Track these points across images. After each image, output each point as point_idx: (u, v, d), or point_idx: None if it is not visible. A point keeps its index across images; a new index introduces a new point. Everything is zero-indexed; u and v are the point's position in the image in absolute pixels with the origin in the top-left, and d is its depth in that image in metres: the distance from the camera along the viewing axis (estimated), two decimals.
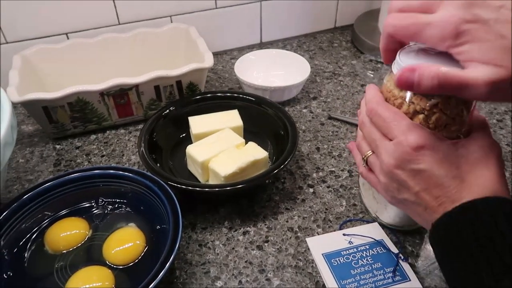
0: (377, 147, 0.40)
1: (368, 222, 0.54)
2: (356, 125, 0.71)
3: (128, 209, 0.54)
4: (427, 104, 0.38)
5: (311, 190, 0.60)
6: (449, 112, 0.38)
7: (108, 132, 0.71)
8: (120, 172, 0.53)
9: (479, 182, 0.36)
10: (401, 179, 0.38)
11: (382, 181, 0.41)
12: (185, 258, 0.51)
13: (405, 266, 0.48)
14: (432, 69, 0.34)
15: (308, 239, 0.52)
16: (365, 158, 0.43)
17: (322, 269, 0.48)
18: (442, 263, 0.37)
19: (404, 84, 0.35)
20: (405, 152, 0.37)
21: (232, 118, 0.64)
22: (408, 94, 0.39)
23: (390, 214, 0.51)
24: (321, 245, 0.51)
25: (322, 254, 0.50)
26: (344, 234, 0.52)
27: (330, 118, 0.73)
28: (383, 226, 0.53)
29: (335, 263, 0.49)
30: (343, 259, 0.49)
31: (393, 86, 0.41)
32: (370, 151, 0.42)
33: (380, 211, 0.53)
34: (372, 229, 0.53)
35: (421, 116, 0.39)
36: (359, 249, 0.50)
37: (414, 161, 0.36)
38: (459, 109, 0.38)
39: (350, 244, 0.51)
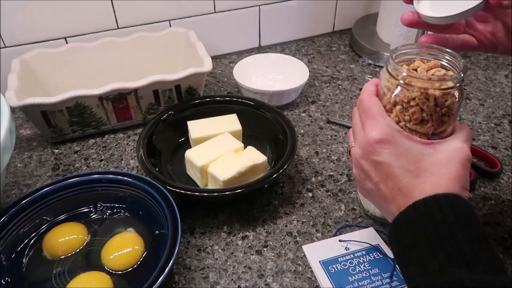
0: (355, 137, 0.44)
1: (364, 227, 0.54)
2: None
3: (127, 214, 0.54)
4: (403, 97, 0.40)
5: (310, 194, 0.60)
6: (426, 109, 0.40)
7: (106, 136, 0.70)
8: (119, 176, 0.53)
9: (432, 179, 0.38)
10: (365, 169, 0.41)
11: (354, 171, 0.44)
12: (184, 263, 0.51)
13: None
14: None
15: (304, 247, 0.52)
16: (348, 149, 0.46)
17: (320, 276, 0.48)
18: (399, 261, 0.38)
19: None
20: (368, 144, 0.40)
21: (231, 122, 0.64)
22: (398, 89, 0.41)
23: None
24: (317, 252, 0.51)
25: (319, 261, 0.50)
26: (340, 240, 0.52)
27: (328, 122, 0.73)
28: (379, 231, 0.54)
29: (332, 270, 0.49)
30: (340, 266, 0.49)
31: (384, 78, 0.43)
32: (353, 142, 0.45)
33: (374, 207, 0.53)
34: (368, 234, 0.53)
35: (398, 107, 0.41)
36: (355, 255, 0.50)
37: (374, 153, 0.40)
38: (438, 110, 0.40)
39: (346, 250, 0.51)
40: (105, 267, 0.48)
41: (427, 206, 0.36)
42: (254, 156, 0.58)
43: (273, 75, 0.80)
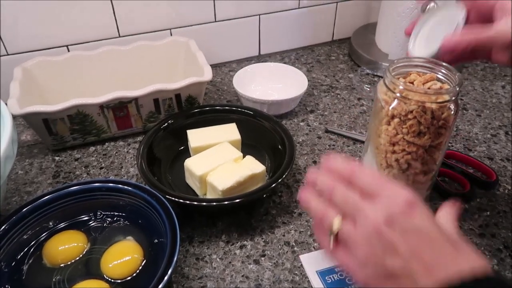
0: (357, 210, 0.35)
1: None
2: (353, 139, 0.71)
3: (126, 222, 0.54)
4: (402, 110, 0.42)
5: None
6: (424, 122, 0.41)
7: (107, 144, 0.71)
8: (119, 185, 0.54)
9: (467, 250, 0.33)
10: (389, 239, 0.33)
11: (360, 252, 0.34)
12: (182, 272, 0.52)
13: None
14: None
15: (301, 256, 0.53)
16: (333, 231, 0.36)
17: (317, 286, 0.49)
18: None
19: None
20: (397, 206, 0.33)
21: (230, 131, 0.65)
22: (395, 101, 0.43)
23: None
24: (314, 262, 0.52)
25: (316, 271, 0.50)
26: None
27: (327, 131, 0.73)
28: None
29: (329, 280, 0.49)
30: (337, 276, 0.50)
31: (381, 91, 0.44)
32: (338, 221, 0.36)
33: None
34: None
35: (396, 120, 0.42)
36: None
37: (407, 215, 0.33)
38: (435, 123, 0.41)
39: None
40: (104, 276, 0.49)
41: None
42: (253, 166, 0.58)
43: (272, 84, 0.81)
